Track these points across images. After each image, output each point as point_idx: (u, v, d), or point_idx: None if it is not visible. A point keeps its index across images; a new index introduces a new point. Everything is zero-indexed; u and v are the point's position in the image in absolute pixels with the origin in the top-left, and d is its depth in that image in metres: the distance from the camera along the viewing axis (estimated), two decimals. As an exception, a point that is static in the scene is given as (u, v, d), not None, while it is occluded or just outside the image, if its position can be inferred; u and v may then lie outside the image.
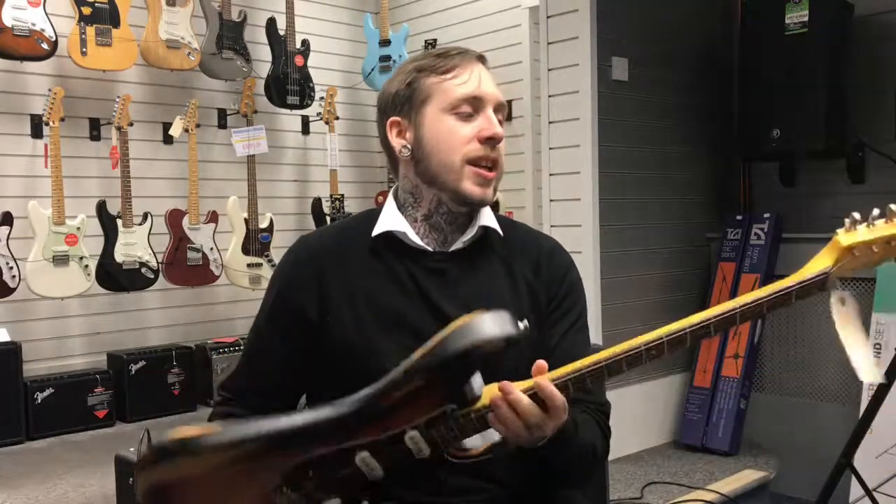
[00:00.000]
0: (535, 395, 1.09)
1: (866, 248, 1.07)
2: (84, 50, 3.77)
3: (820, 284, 1.10)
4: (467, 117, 1.31)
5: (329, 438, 1.06)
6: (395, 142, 1.34)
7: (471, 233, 1.34)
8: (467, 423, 1.09)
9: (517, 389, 1.08)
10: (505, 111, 1.37)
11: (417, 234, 1.33)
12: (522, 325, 1.04)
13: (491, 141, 1.30)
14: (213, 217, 4.25)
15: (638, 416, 3.38)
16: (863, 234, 1.06)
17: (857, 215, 1.06)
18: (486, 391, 1.10)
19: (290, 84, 4.49)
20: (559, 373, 1.10)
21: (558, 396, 1.09)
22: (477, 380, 1.08)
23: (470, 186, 1.29)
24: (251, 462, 1.03)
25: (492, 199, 1.32)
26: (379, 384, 1.05)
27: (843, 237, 1.08)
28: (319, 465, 1.07)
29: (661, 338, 1.08)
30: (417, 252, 1.32)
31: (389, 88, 1.36)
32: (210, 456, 1.04)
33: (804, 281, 1.10)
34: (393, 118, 1.34)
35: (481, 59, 1.38)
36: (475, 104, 1.31)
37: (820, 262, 1.11)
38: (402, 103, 1.33)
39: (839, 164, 3.36)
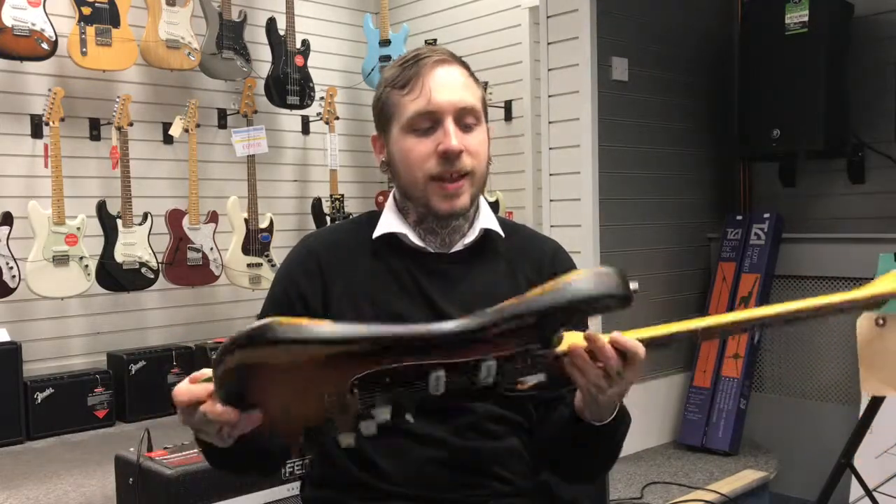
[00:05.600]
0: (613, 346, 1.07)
1: None
2: (84, 50, 3.77)
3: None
4: (426, 132, 1.27)
5: (422, 355, 1.04)
6: (377, 157, 1.37)
7: (472, 236, 1.34)
8: (543, 362, 1.07)
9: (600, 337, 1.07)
10: (478, 112, 1.29)
11: (417, 235, 1.33)
12: (634, 285, 1.04)
13: (446, 155, 1.25)
14: (213, 217, 4.25)
15: (638, 416, 3.36)
16: None
17: None
18: (566, 338, 1.08)
19: (290, 84, 4.49)
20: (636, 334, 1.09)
21: (640, 347, 1.07)
22: None
23: (437, 202, 1.28)
24: (346, 359, 1.01)
25: (465, 208, 1.28)
26: (482, 316, 1.04)
27: None
28: (397, 376, 1.05)
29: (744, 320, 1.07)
30: (419, 253, 1.33)
31: (373, 99, 1.37)
32: (313, 347, 0.99)
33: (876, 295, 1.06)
34: (374, 134, 1.37)
35: (443, 61, 1.29)
36: (431, 117, 1.26)
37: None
38: (377, 119, 1.35)
39: (839, 164, 3.36)
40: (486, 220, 1.36)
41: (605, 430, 1.18)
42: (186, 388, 1.04)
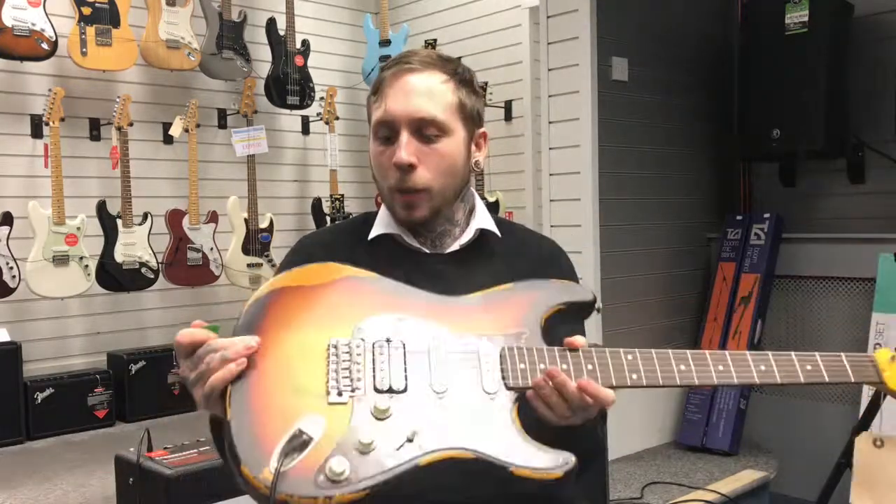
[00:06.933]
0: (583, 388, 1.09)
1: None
2: (84, 50, 3.77)
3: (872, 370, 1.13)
4: (387, 141, 1.27)
5: (420, 301, 1.17)
6: None
7: (467, 236, 1.34)
8: (538, 353, 1.13)
9: (563, 374, 1.09)
10: (441, 124, 1.25)
11: (411, 235, 1.33)
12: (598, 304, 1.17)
13: (397, 167, 1.24)
14: (213, 217, 4.25)
15: (638, 416, 3.38)
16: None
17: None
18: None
19: (290, 84, 4.49)
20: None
21: (610, 396, 1.10)
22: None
23: (398, 211, 1.29)
24: (358, 284, 1.18)
25: (423, 219, 1.28)
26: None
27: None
28: (403, 330, 1.13)
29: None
30: (415, 254, 1.32)
31: None
32: (332, 268, 1.18)
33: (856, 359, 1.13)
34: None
35: (415, 69, 1.26)
36: (389, 127, 1.25)
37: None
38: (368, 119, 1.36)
39: (839, 164, 3.36)
40: (482, 220, 1.36)
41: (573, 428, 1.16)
42: (189, 331, 1.08)
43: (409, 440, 1.04)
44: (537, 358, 1.11)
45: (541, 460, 1.04)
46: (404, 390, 1.07)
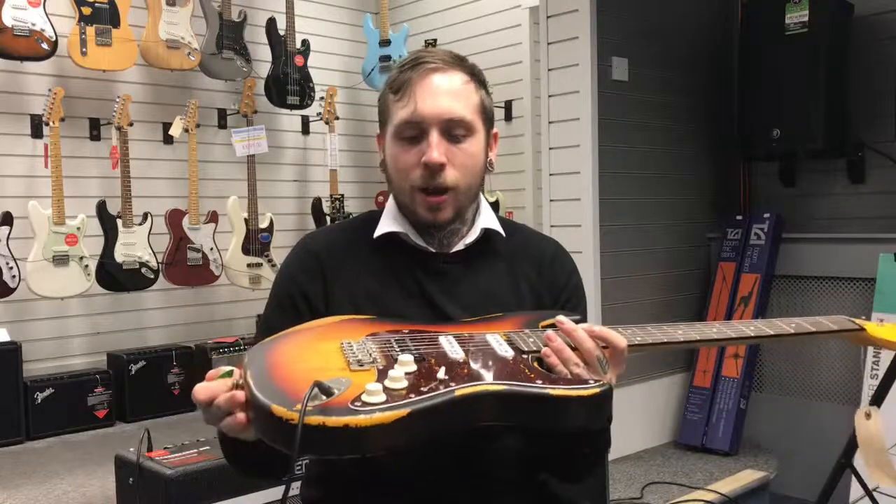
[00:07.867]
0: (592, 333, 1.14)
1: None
2: (84, 50, 3.77)
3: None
4: (412, 141, 1.26)
5: (422, 321, 1.24)
6: (379, 155, 1.37)
7: (472, 236, 1.34)
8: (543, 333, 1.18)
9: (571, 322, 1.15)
10: (468, 124, 1.26)
11: (417, 235, 1.33)
12: None
13: (427, 167, 1.24)
14: (213, 217, 4.25)
15: (638, 416, 3.38)
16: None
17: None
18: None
19: (290, 84, 4.49)
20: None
21: (620, 338, 1.13)
22: None
23: (422, 212, 1.28)
24: (361, 319, 1.23)
25: (448, 220, 1.28)
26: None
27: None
28: (411, 333, 1.18)
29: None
30: (420, 253, 1.32)
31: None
32: (333, 318, 1.24)
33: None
34: (378, 133, 1.37)
35: (439, 68, 1.26)
36: (417, 127, 1.25)
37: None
38: (378, 118, 1.35)
39: (839, 164, 3.36)
40: (487, 219, 1.36)
41: None
42: (204, 386, 1.06)
43: (441, 379, 1.03)
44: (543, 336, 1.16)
45: (574, 383, 1.06)
46: (423, 360, 1.09)
